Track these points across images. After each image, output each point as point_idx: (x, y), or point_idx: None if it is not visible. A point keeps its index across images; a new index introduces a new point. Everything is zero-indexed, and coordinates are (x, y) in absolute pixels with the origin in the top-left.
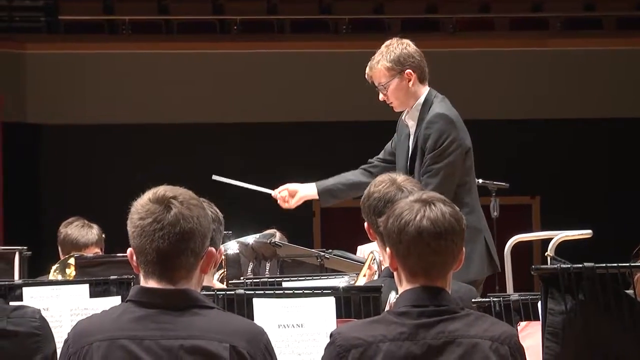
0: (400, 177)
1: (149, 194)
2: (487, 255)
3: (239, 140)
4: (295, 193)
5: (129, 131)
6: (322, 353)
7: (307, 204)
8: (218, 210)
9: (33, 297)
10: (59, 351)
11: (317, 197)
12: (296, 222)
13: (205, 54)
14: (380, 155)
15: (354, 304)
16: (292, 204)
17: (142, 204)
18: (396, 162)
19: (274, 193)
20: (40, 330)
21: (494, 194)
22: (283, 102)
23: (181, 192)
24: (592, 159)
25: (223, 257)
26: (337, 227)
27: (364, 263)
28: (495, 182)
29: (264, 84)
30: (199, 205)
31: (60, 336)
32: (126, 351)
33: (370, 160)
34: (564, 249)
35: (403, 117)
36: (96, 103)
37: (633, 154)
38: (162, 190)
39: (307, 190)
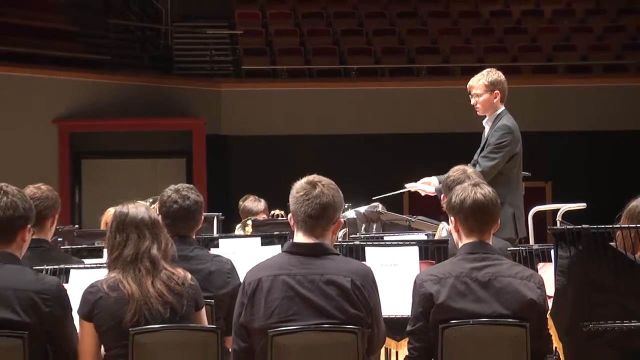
0: (469, 169)
1: (304, 179)
2: (525, 225)
3: (355, 147)
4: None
5: (281, 139)
6: (409, 283)
7: (397, 186)
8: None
9: (225, 246)
10: None
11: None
12: (391, 198)
13: (333, 90)
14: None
15: (431, 251)
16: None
17: (299, 183)
18: None
19: (412, 189)
20: (231, 272)
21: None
22: (382, 121)
23: (324, 179)
24: (587, 157)
25: (345, 221)
26: (418, 201)
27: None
28: (522, 172)
29: (372, 110)
30: (335, 188)
31: (241, 272)
32: (284, 283)
33: None
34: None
35: (483, 122)
36: (263, 121)
37: (613, 156)
38: (313, 176)
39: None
